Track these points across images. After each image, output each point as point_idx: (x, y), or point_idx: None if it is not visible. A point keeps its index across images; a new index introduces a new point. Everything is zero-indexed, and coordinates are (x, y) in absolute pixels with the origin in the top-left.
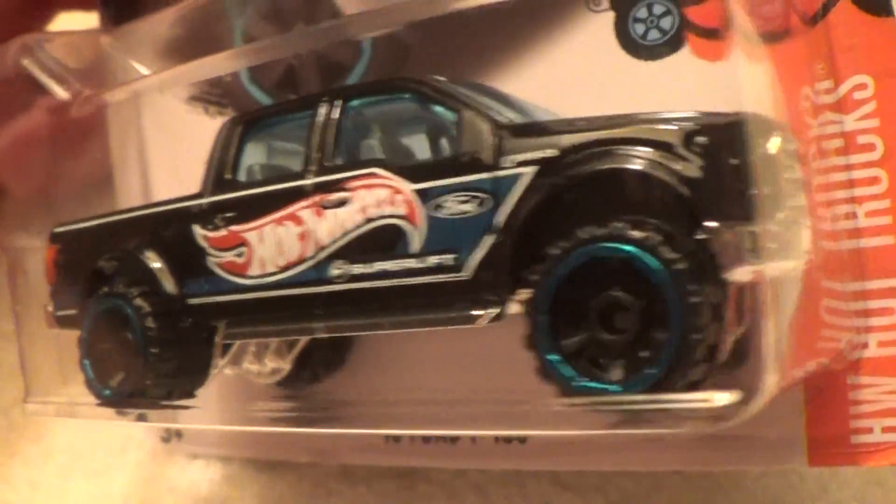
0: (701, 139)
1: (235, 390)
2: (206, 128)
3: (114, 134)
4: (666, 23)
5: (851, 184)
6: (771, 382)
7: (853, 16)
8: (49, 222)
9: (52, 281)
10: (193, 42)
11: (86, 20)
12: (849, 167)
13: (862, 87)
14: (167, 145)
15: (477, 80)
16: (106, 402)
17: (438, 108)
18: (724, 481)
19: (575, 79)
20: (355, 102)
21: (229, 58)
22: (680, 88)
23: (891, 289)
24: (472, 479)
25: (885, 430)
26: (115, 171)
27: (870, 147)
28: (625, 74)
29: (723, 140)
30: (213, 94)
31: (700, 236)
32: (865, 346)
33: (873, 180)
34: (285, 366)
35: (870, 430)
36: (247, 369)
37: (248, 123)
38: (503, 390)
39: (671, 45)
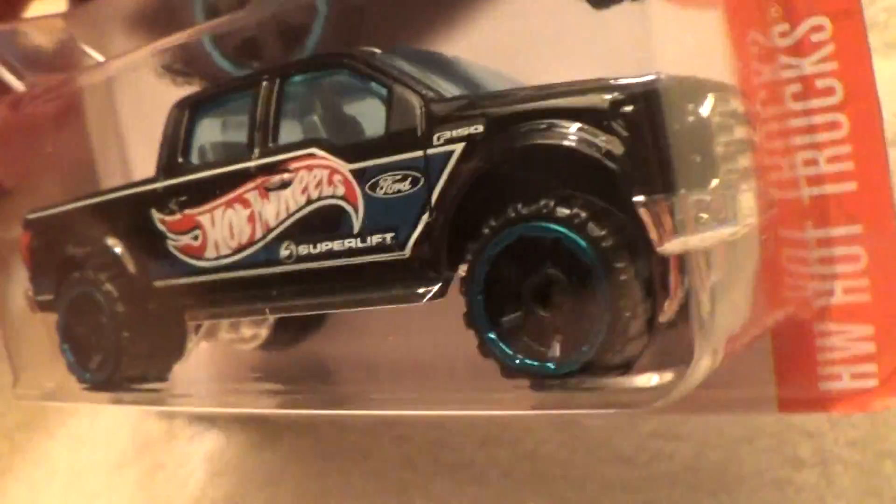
0: (626, 109)
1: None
2: None
3: (90, 118)
4: None
5: (811, 129)
6: (704, 363)
7: None
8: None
9: (29, 267)
10: (156, 18)
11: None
12: (808, 112)
13: (819, 28)
14: (143, 124)
15: (430, 38)
16: (90, 385)
17: (373, 84)
18: (720, 492)
19: (529, 33)
20: (296, 79)
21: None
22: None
23: (855, 235)
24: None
25: (854, 376)
26: (96, 156)
27: (829, 91)
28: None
29: (645, 108)
30: (180, 65)
31: (627, 211)
32: (831, 293)
33: (833, 125)
34: (262, 332)
35: (839, 377)
36: (224, 338)
37: (195, 105)
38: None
39: None
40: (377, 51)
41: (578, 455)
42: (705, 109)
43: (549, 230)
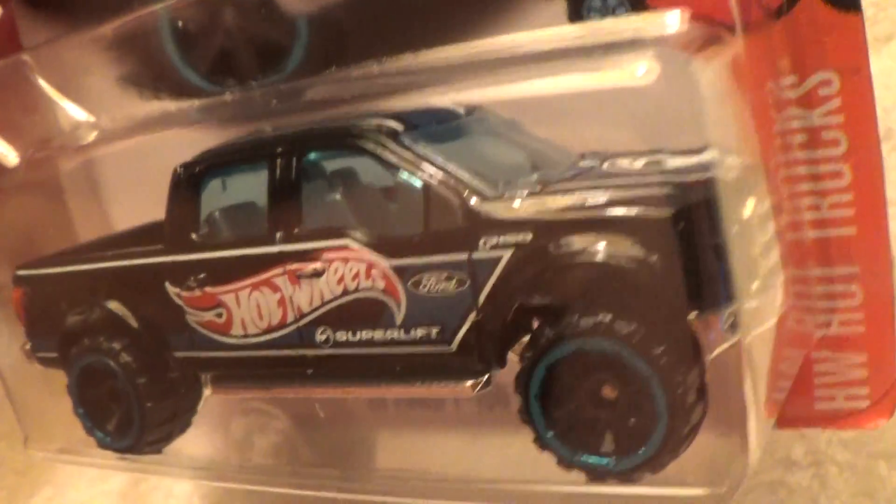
0: (681, 226)
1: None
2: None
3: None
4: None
5: (816, 177)
6: (754, 460)
7: (819, 11)
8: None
9: (23, 322)
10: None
11: None
12: (813, 161)
13: (827, 83)
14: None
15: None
16: (115, 450)
17: (404, 175)
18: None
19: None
20: (312, 157)
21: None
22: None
23: (852, 275)
24: None
25: (848, 398)
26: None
27: (834, 142)
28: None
29: (696, 223)
30: (145, 78)
31: (681, 326)
32: (829, 325)
33: (837, 174)
34: None
35: (833, 399)
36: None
37: (202, 173)
38: None
39: None
40: (399, 128)
41: None
42: (747, 212)
43: (608, 346)
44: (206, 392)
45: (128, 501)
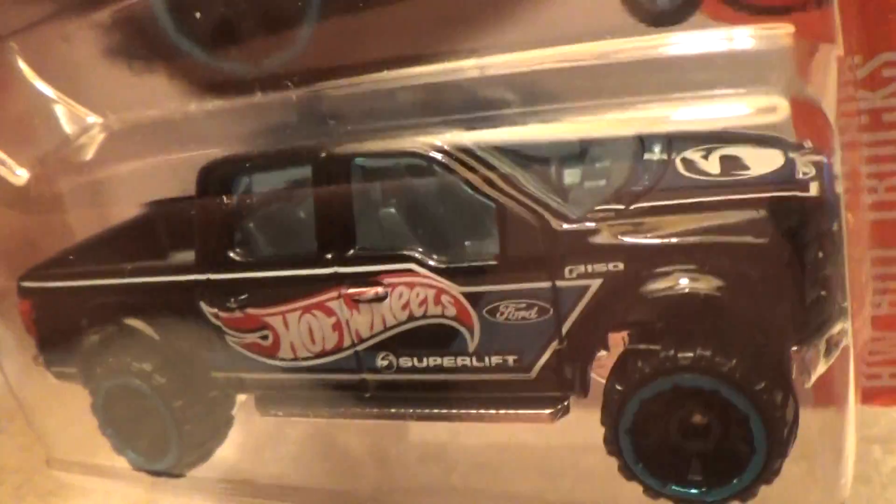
0: (786, 252)
1: None
2: None
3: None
4: None
5: (876, 160)
6: (846, 483)
7: None
8: None
9: (34, 335)
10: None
11: None
12: (874, 144)
13: (892, 64)
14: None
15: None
16: (150, 472)
17: (471, 191)
18: None
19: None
20: (366, 164)
21: None
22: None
23: None
24: None
25: (893, 376)
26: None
27: (894, 125)
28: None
29: (809, 248)
30: (136, 48)
31: (784, 359)
32: (879, 305)
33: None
34: None
35: (879, 377)
36: None
37: (228, 177)
38: None
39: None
40: (470, 145)
41: None
42: (837, 223)
43: (707, 383)
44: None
45: None
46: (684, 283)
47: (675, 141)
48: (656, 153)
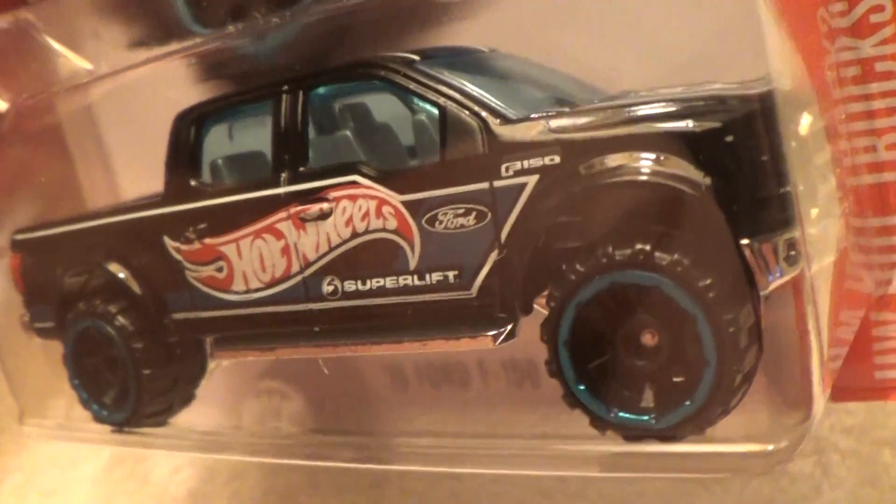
0: (727, 138)
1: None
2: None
3: (70, 137)
4: None
5: (871, 115)
6: (819, 407)
7: None
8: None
9: (21, 290)
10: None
11: None
12: (867, 97)
13: (879, 9)
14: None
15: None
16: (110, 424)
17: (419, 102)
18: (712, 484)
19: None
20: (321, 91)
21: None
22: None
23: None
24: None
25: None
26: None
27: (889, 75)
28: None
29: (750, 135)
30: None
31: (732, 253)
32: (889, 282)
33: (892, 111)
34: None
35: (894, 367)
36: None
37: (202, 117)
38: None
39: None
40: (416, 58)
41: None
42: (804, 128)
43: (647, 279)
44: (211, 365)
45: (101, 488)
46: (622, 171)
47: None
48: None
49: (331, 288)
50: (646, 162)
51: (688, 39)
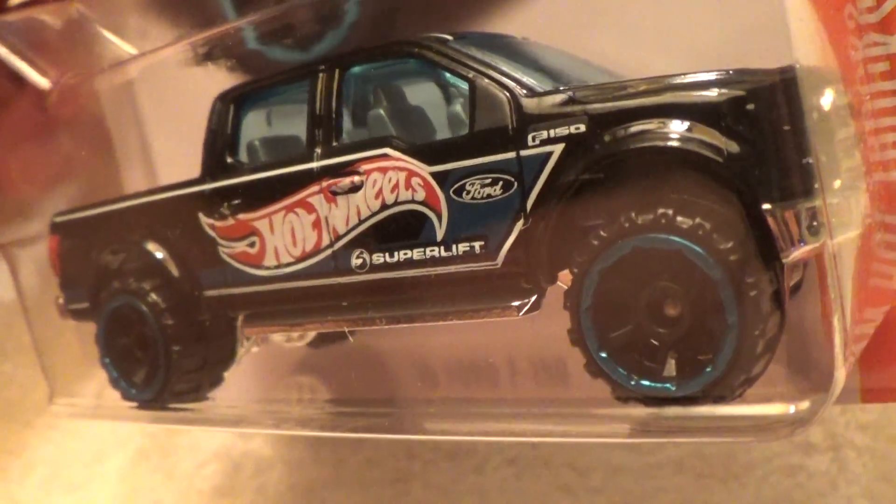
0: (749, 106)
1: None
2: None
3: (110, 119)
4: None
5: None
6: (840, 378)
7: None
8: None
9: (58, 273)
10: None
11: None
12: None
13: None
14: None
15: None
16: (139, 402)
17: (449, 76)
18: (730, 479)
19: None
20: (355, 70)
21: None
22: None
23: None
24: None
25: None
26: (118, 155)
27: None
28: None
29: (772, 105)
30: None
31: (749, 218)
32: None
33: None
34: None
35: None
36: (275, 341)
37: (241, 98)
38: None
39: None
40: (449, 37)
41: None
42: (827, 102)
43: (668, 242)
44: (241, 351)
45: (126, 483)
46: (645, 137)
47: None
48: None
49: (359, 261)
50: (669, 129)
51: (714, 32)
